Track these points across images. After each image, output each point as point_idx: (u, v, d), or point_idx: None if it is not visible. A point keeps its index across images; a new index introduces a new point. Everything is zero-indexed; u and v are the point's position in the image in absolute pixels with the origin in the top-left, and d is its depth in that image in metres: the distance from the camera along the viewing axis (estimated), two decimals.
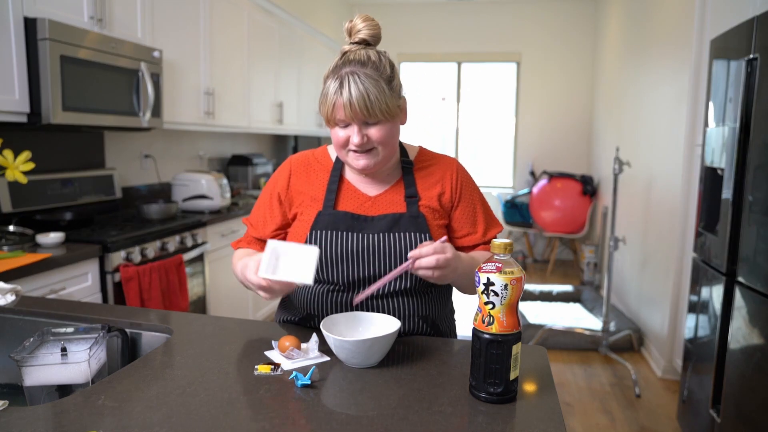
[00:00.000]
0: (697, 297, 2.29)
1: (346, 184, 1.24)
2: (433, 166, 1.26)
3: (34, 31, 2.10)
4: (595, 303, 4.30)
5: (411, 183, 1.23)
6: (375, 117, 1.09)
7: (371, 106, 1.07)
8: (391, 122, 1.13)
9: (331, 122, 1.13)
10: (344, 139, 1.13)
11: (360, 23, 1.15)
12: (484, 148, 6.58)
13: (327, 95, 1.10)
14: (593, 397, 2.92)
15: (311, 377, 0.95)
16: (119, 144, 3.14)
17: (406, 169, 1.24)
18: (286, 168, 1.28)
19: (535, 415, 0.87)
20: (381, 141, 1.12)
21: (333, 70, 1.11)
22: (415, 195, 1.21)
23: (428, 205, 1.21)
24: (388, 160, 1.19)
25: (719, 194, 2.10)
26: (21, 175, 1.43)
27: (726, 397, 1.96)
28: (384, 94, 1.09)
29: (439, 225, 1.22)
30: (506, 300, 0.88)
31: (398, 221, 1.18)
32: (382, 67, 1.11)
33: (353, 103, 1.07)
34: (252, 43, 3.91)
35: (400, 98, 1.15)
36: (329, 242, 1.17)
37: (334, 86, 1.08)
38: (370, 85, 1.07)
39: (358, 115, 1.08)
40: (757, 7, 2.17)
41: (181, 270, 2.62)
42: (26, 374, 1.01)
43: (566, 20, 6.07)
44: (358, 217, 1.19)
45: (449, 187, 1.25)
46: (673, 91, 3.27)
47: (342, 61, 1.11)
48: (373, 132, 1.11)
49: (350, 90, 1.06)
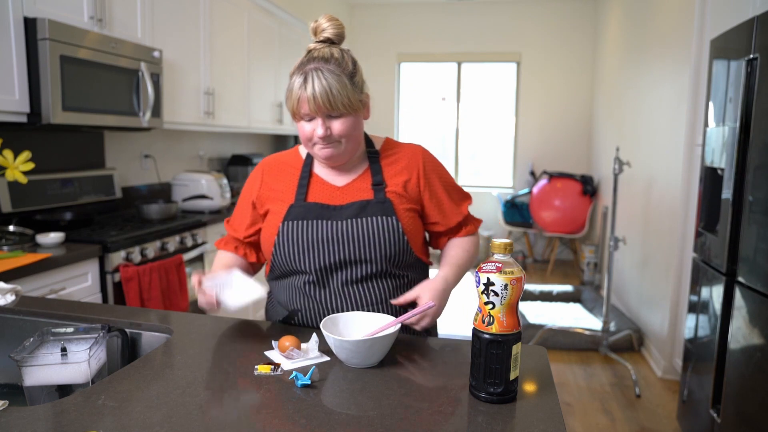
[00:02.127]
0: (697, 297, 2.29)
1: (315, 178, 1.29)
2: (398, 154, 1.31)
3: (34, 31, 2.10)
4: (595, 303, 4.30)
5: (377, 171, 1.27)
6: (338, 110, 1.15)
7: (334, 100, 1.13)
8: (354, 116, 1.19)
9: (297, 116, 1.19)
10: (310, 133, 1.18)
11: (325, 23, 1.21)
12: (484, 148, 6.58)
13: (292, 90, 1.16)
14: (593, 397, 2.92)
15: (311, 377, 0.95)
16: (119, 144, 3.14)
17: (373, 158, 1.29)
18: (258, 171, 1.35)
19: (535, 415, 0.87)
20: (343, 133, 1.18)
21: (298, 66, 1.17)
22: (381, 182, 1.26)
23: (394, 191, 1.26)
24: (353, 152, 1.25)
25: (719, 194, 2.10)
26: (21, 175, 1.43)
27: (726, 397, 1.96)
28: (346, 89, 1.14)
29: (405, 209, 1.26)
30: (506, 300, 0.88)
31: (366, 207, 1.23)
32: (344, 64, 1.17)
33: (317, 97, 1.12)
34: (252, 43, 3.91)
35: (362, 93, 1.21)
36: (300, 231, 1.22)
37: (299, 81, 1.15)
38: (332, 81, 1.13)
39: (322, 109, 1.14)
40: (757, 7, 2.17)
41: (181, 270, 2.62)
42: (26, 374, 1.00)
43: (566, 20, 6.07)
44: (328, 206, 1.24)
45: (415, 174, 1.29)
46: (673, 91, 3.27)
47: (307, 58, 1.17)
48: (336, 125, 1.17)
49: (314, 85, 1.12)
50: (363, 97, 1.21)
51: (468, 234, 1.36)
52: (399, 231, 1.21)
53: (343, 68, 1.15)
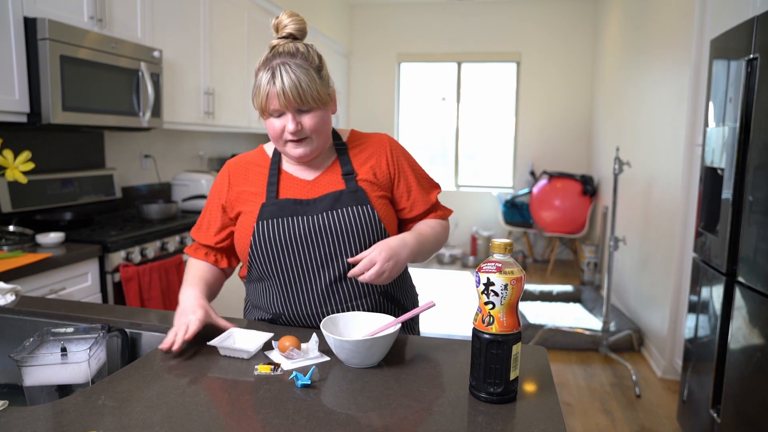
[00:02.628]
0: (697, 297, 2.29)
1: (284, 174, 1.27)
2: (365, 143, 1.31)
3: (34, 31, 2.10)
4: (595, 303, 4.30)
5: (346, 162, 1.27)
6: (308, 104, 1.13)
7: (303, 94, 1.11)
8: (323, 110, 1.17)
9: (265, 113, 1.17)
10: (280, 129, 1.17)
11: (286, 19, 1.19)
12: (484, 148, 6.58)
13: (260, 86, 1.14)
14: (593, 397, 2.92)
15: (311, 377, 0.95)
16: (119, 144, 3.14)
17: (341, 150, 1.28)
18: (225, 174, 1.32)
19: (535, 415, 0.87)
20: (314, 129, 1.17)
21: (264, 62, 1.15)
22: (351, 172, 1.25)
23: (365, 179, 1.25)
24: (323, 147, 1.24)
25: (719, 194, 2.10)
26: (21, 175, 1.43)
27: (726, 397, 1.96)
28: (315, 83, 1.13)
29: (378, 196, 1.25)
30: (506, 300, 0.88)
31: (339, 198, 1.21)
32: (310, 58, 1.15)
33: (286, 92, 1.11)
34: (252, 43, 3.91)
35: (329, 87, 1.20)
36: (276, 229, 1.20)
37: (267, 77, 1.12)
38: (301, 74, 1.11)
39: (292, 103, 1.12)
40: (757, 7, 2.17)
41: (181, 270, 2.62)
42: (26, 374, 1.00)
43: (566, 20, 6.07)
44: (300, 201, 1.22)
45: (384, 160, 1.29)
46: (673, 91, 3.27)
47: (272, 54, 1.15)
48: (306, 120, 1.15)
49: (282, 79, 1.10)
50: (330, 91, 1.20)
51: (437, 218, 1.34)
52: (375, 218, 1.21)
53: (310, 62, 1.14)
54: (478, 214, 6.43)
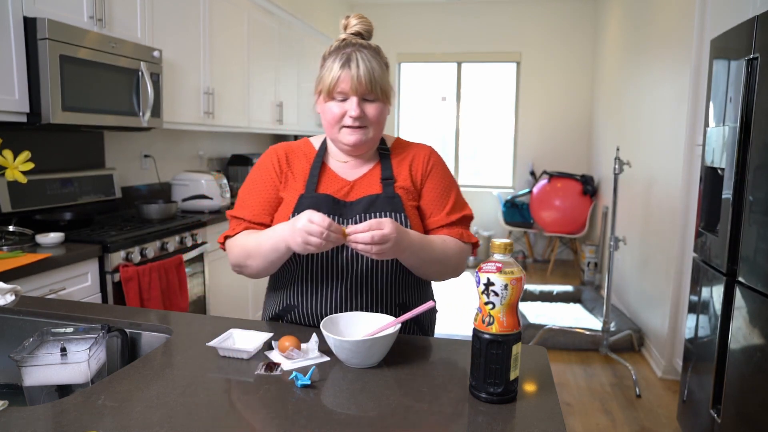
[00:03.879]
0: (698, 297, 2.29)
1: (327, 169, 1.28)
2: (408, 151, 1.31)
3: (33, 31, 2.10)
4: (595, 303, 4.30)
5: (387, 167, 1.27)
6: (375, 93, 1.17)
7: (375, 82, 1.16)
8: (384, 104, 1.21)
9: (329, 95, 1.18)
10: (339, 114, 1.18)
11: (354, 20, 1.23)
12: (484, 148, 6.58)
13: (331, 69, 1.16)
14: (593, 397, 2.92)
15: (311, 377, 0.95)
16: (119, 144, 3.14)
17: (383, 155, 1.29)
18: (273, 156, 1.30)
19: (535, 415, 0.87)
20: (374, 119, 1.19)
21: (335, 49, 1.18)
22: (390, 177, 1.25)
23: (402, 186, 1.25)
24: (374, 143, 1.25)
25: (719, 194, 2.10)
26: (21, 175, 1.43)
27: (726, 397, 1.96)
28: (385, 75, 1.19)
29: (413, 206, 1.25)
30: (506, 300, 0.88)
31: (374, 202, 1.21)
32: (381, 54, 1.22)
33: (360, 76, 1.14)
34: (252, 43, 3.91)
35: (390, 87, 1.24)
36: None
37: (341, 61, 1.15)
38: (375, 64, 1.17)
39: (362, 88, 1.15)
40: (757, 7, 2.17)
41: (180, 270, 2.62)
42: (26, 374, 1.00)
43: (566, 20, 6.07)
44: (338, 201, 1.22)
45: (420, 165, 1.29)
46: (673, 91, 3.27)
47: (344, 43, 1.19)
48: (369, 109, 1.19)
49: (359, 64, 1.15)
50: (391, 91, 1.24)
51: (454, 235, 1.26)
52: (407, 227, 1.19)
53: (380, 56, 1.21)
54: (478, 214, 6.43)
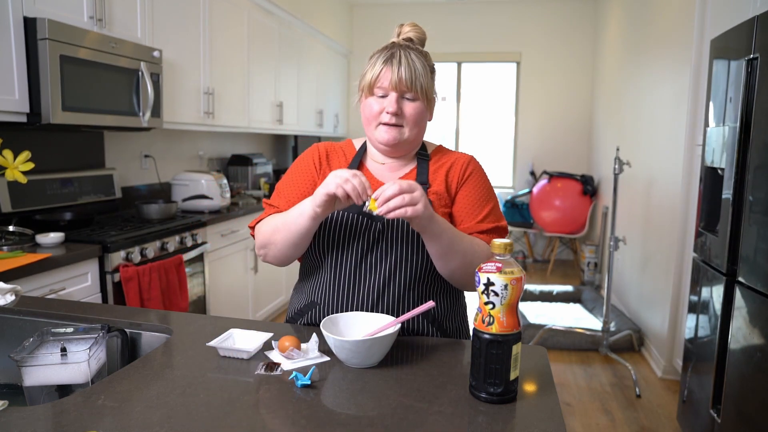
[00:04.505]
0: (698, 297, 2.29)
1: (364, 169, 1.28)
2: (448, 156, 1.30)
3: (33, 31, 2.10)
4: (595, 303, 4.30)
5: (423, 172, 1.26)
6: (414, 91, 1.17)
7: (416, 79, 1.16)
8: (424, 104, 1.20)
9: (369, 91, 1.19)
10: (378, 111, 1.19)
11: (407, 28, 1.26)
12: (484, 148, 6.58)
13: (374, 65, 1.18)
14: (593, 397, 2.92)
15: (311, 377, 0.95)
16: (119, 144, 3.14)
17: (422, 160, 1.28)
18: (314, 150, 1.33)
19: (535, 415, 0.87)
20: (412, 118, 1.19)
21: (382, 49, 1.20)
22: (425, 182, 1.24)
23: (436, 191, 1.23)
24: (412, 145, 1.25)
25: (719, 194, 2.10)
26: (21, 175, 1.43)
27: (726, 397, 1.96)
28: (427, 75, 1.19)
29: (445, 212, 1.22)
30: (506, 300, 0.88)
31: None
32: (429, 58, 1.23)
33: (401, 72, 1.15)
34: (252, 43, 3.91)
35: (434, 93, 1.24)
36: (339, 223, 1.19)
37: (385, 57, 1.17)
38: (418, 62, 1.17)
39: (402, 85, 1.16)
40: (757, 7, 2.17)
41: (180, 270, 2.62)
42: (26, 374, 1.00)
43: (566, 20, 6.07)
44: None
45: (458, 171, 1.26)
46: (673, 91, 3.27)
47: (392, 43, 1.21)
48: (408, 107, 1.18)
49: (401, 60, 1.16)
50: (434, 95, 1.24)
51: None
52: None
53: (427, 59, 1.21)
54: None
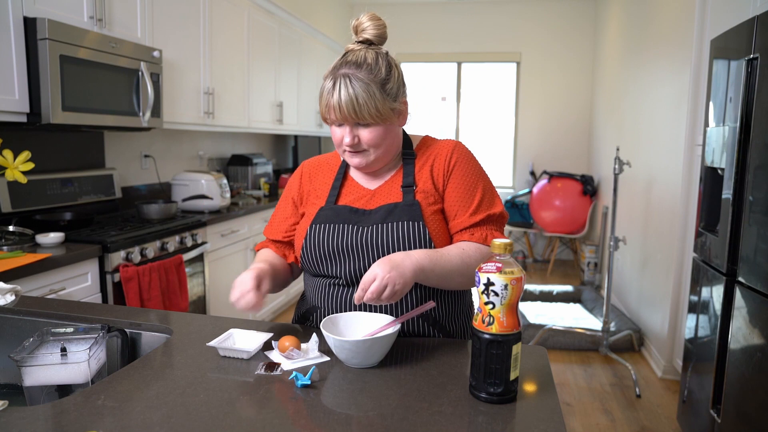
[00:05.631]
0: (698, 297, 2.29)
1: (349, 180, 1.27)
2: (431, 149, 1.26)
3: (33, 31, 2.10)
4: (595, 303, 4.30)
5: (410, 172, 1.23)
6: (364, 119, 1.12)
7: (359, 110, 1.10)
8: (383, 125, 1.15)
9: (327, 120, 1.18)
10: (339, 138, 1.17)
11: (366, 22, 1.19)
12: (484, 148, 6.58)
13: (322, 93, 1.15)
14: (593, 397, 2.92)
15: (311, 377, 0.95)
16: (119, 144, 3.14)
17: (407, 159, 1.25)
18: (298, 172, 1.35)
19: (535, 415, 0.87)
20: (371, 143, 1.16)
21: (331, 69, 1.15)
22: (411, 184, 1.21)
23: (423, 190, 1.21)
24: (386, 160, 1.22)
25: (719, 194, 2.10)
26: (21, 175, 1.43)
27: (726, 397, 1.96)
28: (374, 98, 1.11)
29: (433, 210, 1.20)
30: (506, 300, 0.88)
31: (392, 211, 1.18)
32: (376, 70, 1.13)
33: (342, 106, 1.11)
34: (252, 43, 3.91)
35: (395, 101, 1.16)
36: (327, 235, 1.19)
37: (329, 86, 1.13)
38: (360, 89, 1.10)
39: (348, 117, 1.12)
40: (757, 7, 2.17)
41: (180, 270, 2.62)
42: (26, 374, 1.00)
43: (566, 20, 6.07)
44: (357, 210, 1.21)
45: (442, 164, 1.22)
46: (673, 91, 3.27)
47: (341, 61, 1.15)
48: (364, 134, 1.15)
49: (340, 92, 1.10)
50: (397, 105, 1.16)
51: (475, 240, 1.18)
52: (425, 237, 1.15)
53: (374, 75, 1.11)
54: None
